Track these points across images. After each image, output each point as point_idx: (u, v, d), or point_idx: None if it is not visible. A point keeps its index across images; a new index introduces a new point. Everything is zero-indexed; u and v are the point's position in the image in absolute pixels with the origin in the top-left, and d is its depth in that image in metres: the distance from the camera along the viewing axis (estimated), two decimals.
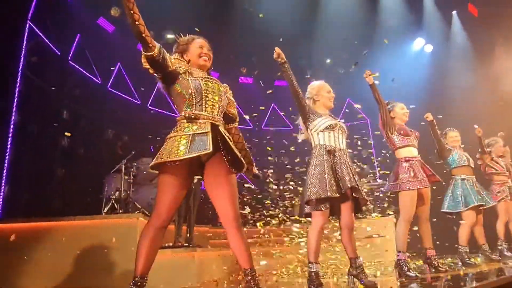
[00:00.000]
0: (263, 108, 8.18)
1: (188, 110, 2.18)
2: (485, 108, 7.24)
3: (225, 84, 2.44)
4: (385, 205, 7.45)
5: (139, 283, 1.96)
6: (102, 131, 6.68)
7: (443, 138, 4.61)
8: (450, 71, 7.96)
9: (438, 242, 4.39)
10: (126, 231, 3.83)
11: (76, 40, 6.33)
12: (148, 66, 2.13)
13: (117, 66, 7.21)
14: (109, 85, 7.05)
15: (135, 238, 3.81)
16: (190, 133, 2.10)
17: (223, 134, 2.20)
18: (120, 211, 4.93)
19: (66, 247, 3.67)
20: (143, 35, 2.00)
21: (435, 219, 4.37)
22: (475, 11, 8.29)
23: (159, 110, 7.87)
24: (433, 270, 3.44)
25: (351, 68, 9.35)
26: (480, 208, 4.39)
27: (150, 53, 2.05)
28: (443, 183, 4.00)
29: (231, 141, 2.22)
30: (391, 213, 6.56)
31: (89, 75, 6.60)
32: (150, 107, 7.83)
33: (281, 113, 9.47)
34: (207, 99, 2.19)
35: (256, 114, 7.61)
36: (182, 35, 2.43)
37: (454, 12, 8.54)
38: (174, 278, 3.89)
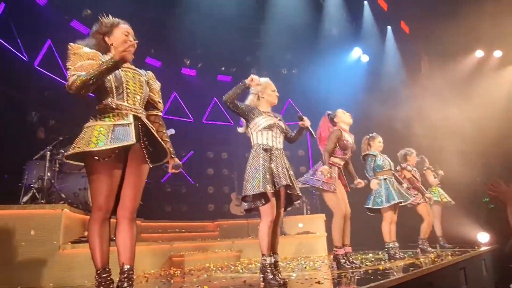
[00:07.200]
0: None
1: (109, 99, 2.12)
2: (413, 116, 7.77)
3: (148, 72, 2.40)
4: (317, 202, 7.78)
5: (103, 274, 1.99)
6: (25, 113, 6.06)
7: (370, 141, 4.92)
8: (383, 81, 8.45)
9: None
10: (49, 223, 3.55)
11: (1, 10, 5.67)
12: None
13: (47, 43, 6.60)
14: (36, 63, 6.43)
15: (59, 230, 3.55)
16: (111, 123, 2.07)
17: (147, 125, 2.19)
18: (42, 202, 4.53)
19: None
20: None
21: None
22: (406, 28, 9.00)
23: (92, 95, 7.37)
24: (353, 265, 3.68)
25: (293, 70, 9.62)
26: (400, 204, 4.79)
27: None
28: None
29: (155, 131, 2.24)
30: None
31: (13, 50, 5.96)
32: None
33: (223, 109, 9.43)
34: (128, 90, 2.16)
35: None
36: (106, 16, 2.30)
37: (389, 27, 9.16)
38: None
